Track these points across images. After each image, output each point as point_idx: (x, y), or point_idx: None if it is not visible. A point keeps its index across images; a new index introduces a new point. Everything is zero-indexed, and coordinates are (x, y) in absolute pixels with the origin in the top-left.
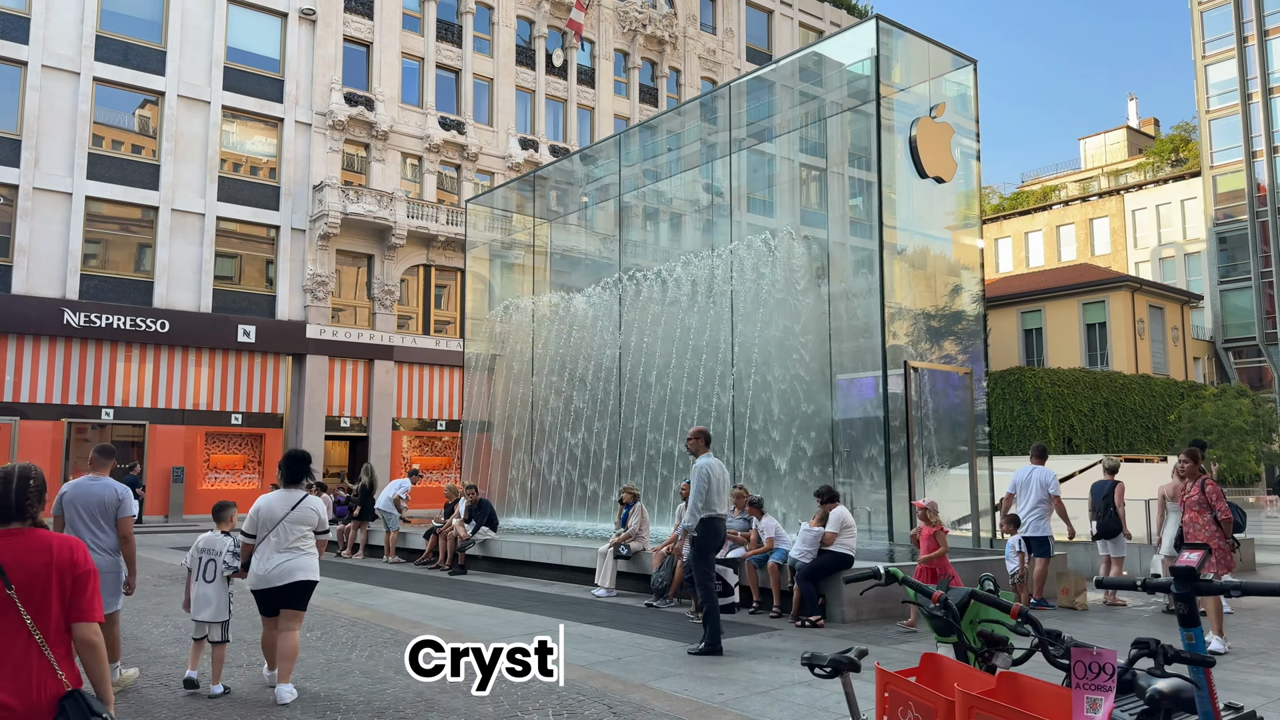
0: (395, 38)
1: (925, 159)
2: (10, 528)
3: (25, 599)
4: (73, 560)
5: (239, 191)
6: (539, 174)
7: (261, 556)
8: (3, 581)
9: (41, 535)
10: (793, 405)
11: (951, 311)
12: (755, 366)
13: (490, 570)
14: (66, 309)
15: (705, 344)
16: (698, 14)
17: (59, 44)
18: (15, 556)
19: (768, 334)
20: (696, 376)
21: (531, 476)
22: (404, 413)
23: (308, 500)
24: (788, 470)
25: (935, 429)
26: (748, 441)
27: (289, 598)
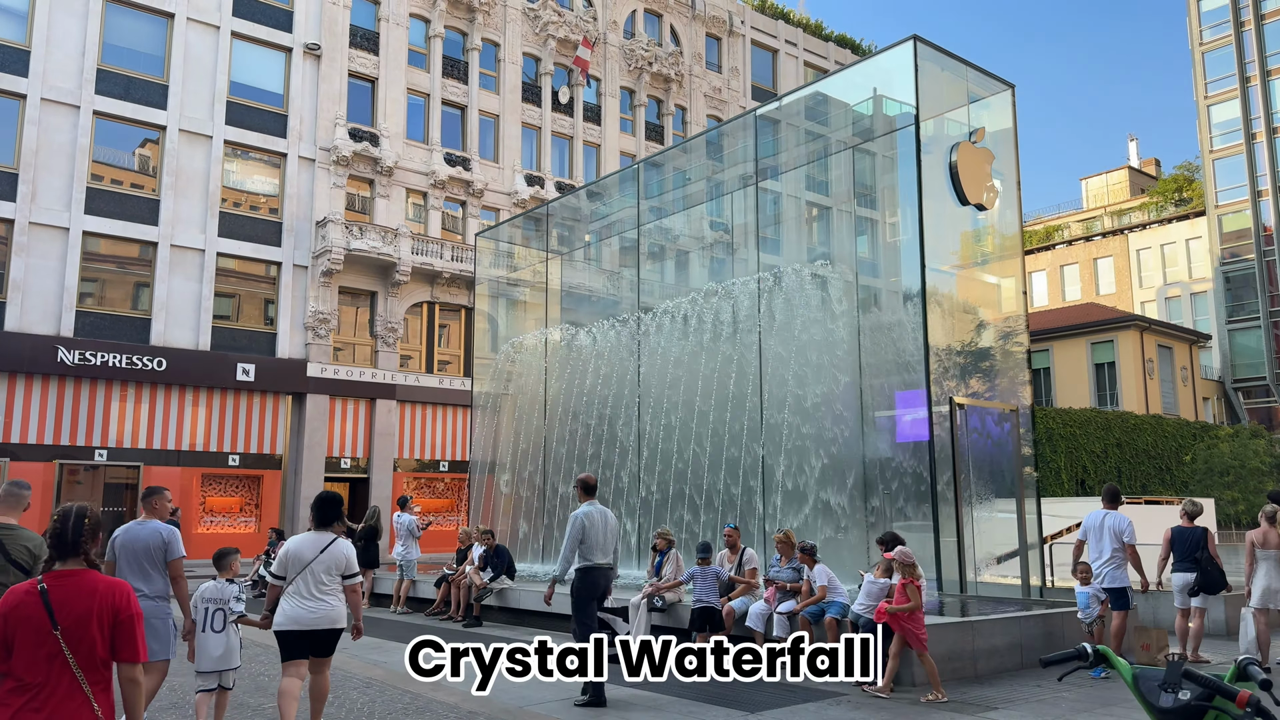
0: (400, 73)
1: (966, 186)
2: (65, 567)
3: (69, 639)
4: (115, 605)
5: (240, 227)
6: (551, 205)
7: (291, 599)
8: (51, 623)
9: (91, 578)
10: (825, 442)
11: (990, 346)
12: (786, 400)
13: (508, 622)
14: (61, 346)
15: (731, 376)
16: (703, 52)
17: (59, 77)
18: (64, 598)
19: (799, 368)
20: (722, 413)
21: (543, 519)
22: (406, 453)
23: (338, 543)
24: (819, 510)
25: (973, 468)
26: (778, 475)
27: (318, 644)
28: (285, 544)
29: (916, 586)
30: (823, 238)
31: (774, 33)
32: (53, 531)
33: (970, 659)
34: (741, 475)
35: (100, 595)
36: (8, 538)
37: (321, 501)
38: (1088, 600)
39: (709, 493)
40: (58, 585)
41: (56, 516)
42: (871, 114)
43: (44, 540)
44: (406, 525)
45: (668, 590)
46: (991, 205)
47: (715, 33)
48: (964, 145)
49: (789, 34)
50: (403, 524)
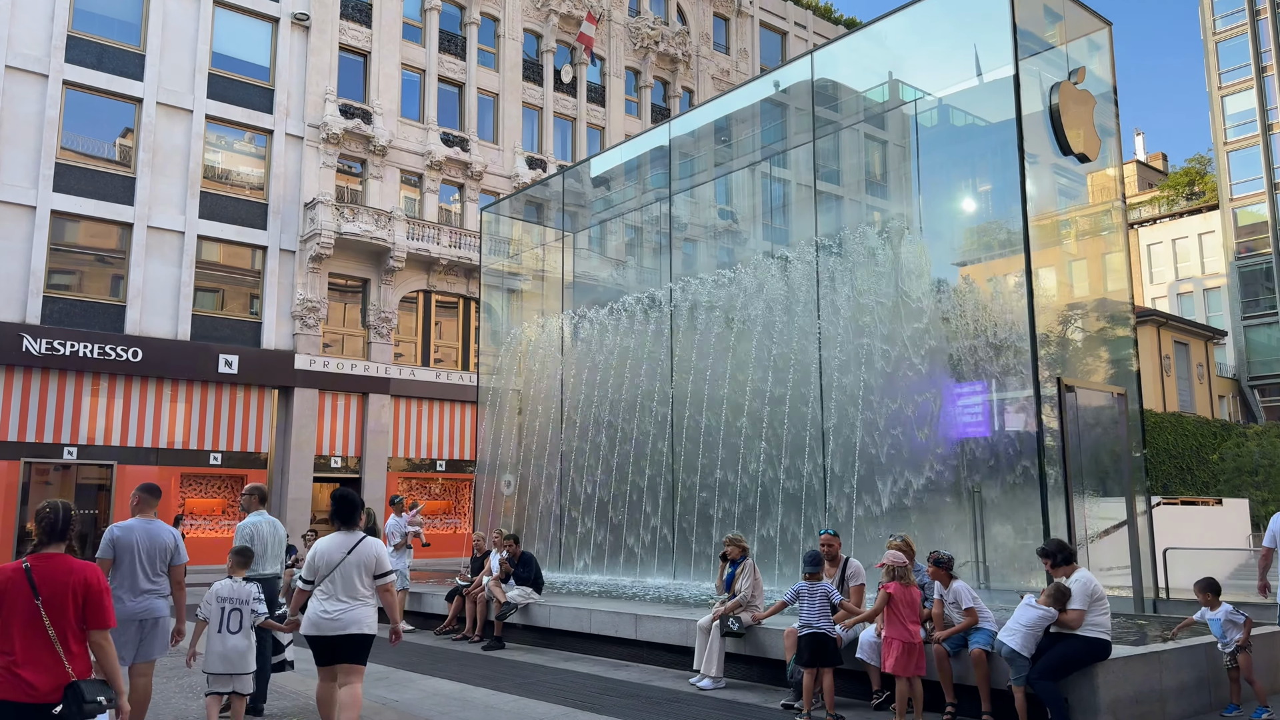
0: (395, 48)
1: (1069, 133)
2: (48, 551)
3: (49, 608)
4: (87, 581)
5: (223, 208)
6: (567, 178)
7: (318, 603)
8: (33, 593)
9: (67, 560)
10: (898, 430)
11: (1085, 325)
12: (849, 383)
13: (534, 643)
14: (26, 335)
15: (790, 350)
16: (710, 33)
17: (25, 43)
18: (46, 575)
19: (865, 344)
20: (778, 393)
21: (558, 524)
22: (400, 451)
23: (367, 542)
24: (893, 507)
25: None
26: (838, 468)
27: (346, 651)
28: (314, 545)
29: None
30: (888, 198)
31: (783, 14)
32: (46, 521)
33: (1158, 700)
34: (804, 472)
35: (75, 573)
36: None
37: (343, 499)
38: (1222, 626)
39: (758, 488)
40: (40, 564)
41: (47, 508)
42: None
43: None
44: (397, 529)
45: (743, 610)
46: (1095, 155)
47: (723, 12)
48: (1065, 86)
49: (798, 16)
50: (392, 527)
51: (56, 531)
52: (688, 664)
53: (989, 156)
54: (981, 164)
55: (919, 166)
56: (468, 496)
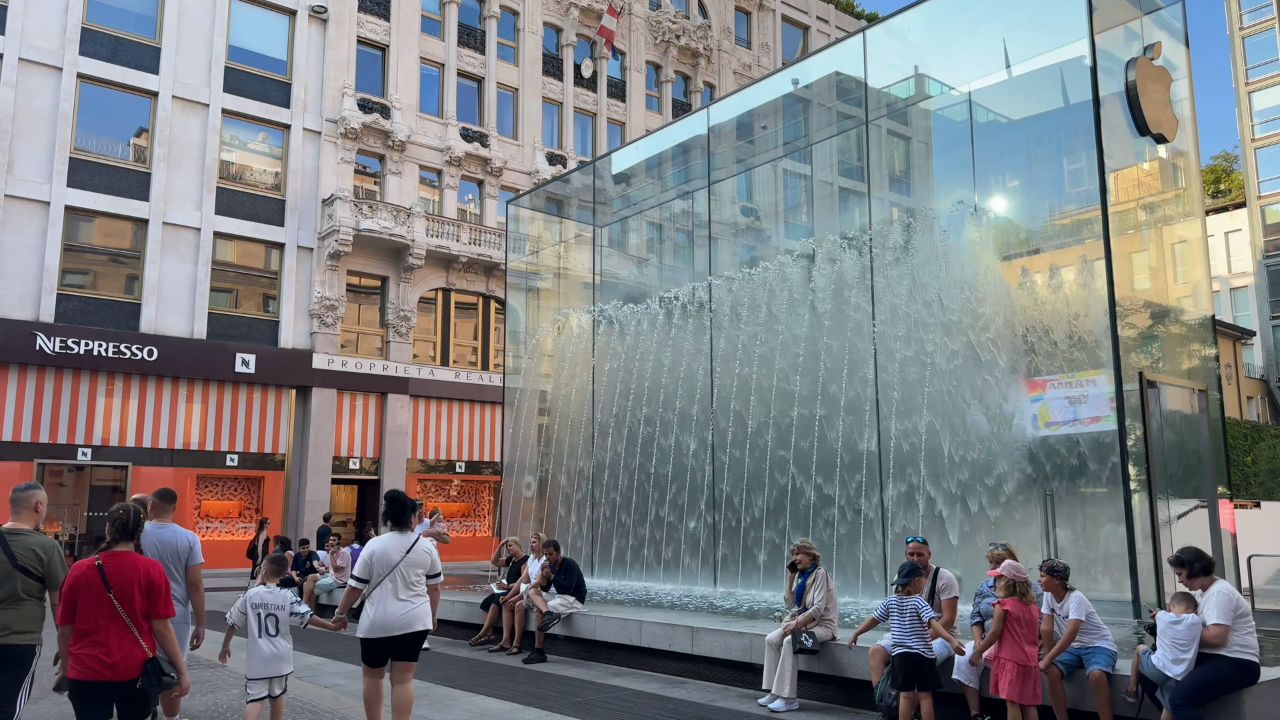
0: (414, 41)
1: (1147, 111)
2: (118, 549)
3: (119, 599)
4: (149, 576)
5: (239, 204)
6: (598, 168)
7: (377, 603)
8: (105, 586)
9: (134, 557)
10: (965, 426)
11: (1159, 314)
12: (908, 377)
13: (577, 655)
14: (40, 333)
15: (842, 345)
16: (732, 27)
17: (40, 35)
18: (116, 570)
19: (925, 335)
20: (830, 390)
21: (587, 528)
22: (419, 453)
23: (421, 543)
24: (959, 511)
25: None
26: (898, 469)
27: (406, 649)
28: (368, 546)
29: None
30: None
31: (805, 9)
32: (119, 521)
33: None
34: (861, 474)
35: (140, 568)
36: (15, 541)
37: (395, 500)
38: None
39: (809, 491)
40: (110, 560)
41: (120, 510)
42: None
43: (54, 543)
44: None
45: (817, 624)
46: (1173, 136)
47: (745, 6)
48: (1141, 62)
49: (820, 10)
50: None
51: (127, 531)
52: (749, 681)
53: (1034, 148)
54: (1034, 154)
55: (974, 154)
56: (487, 499)
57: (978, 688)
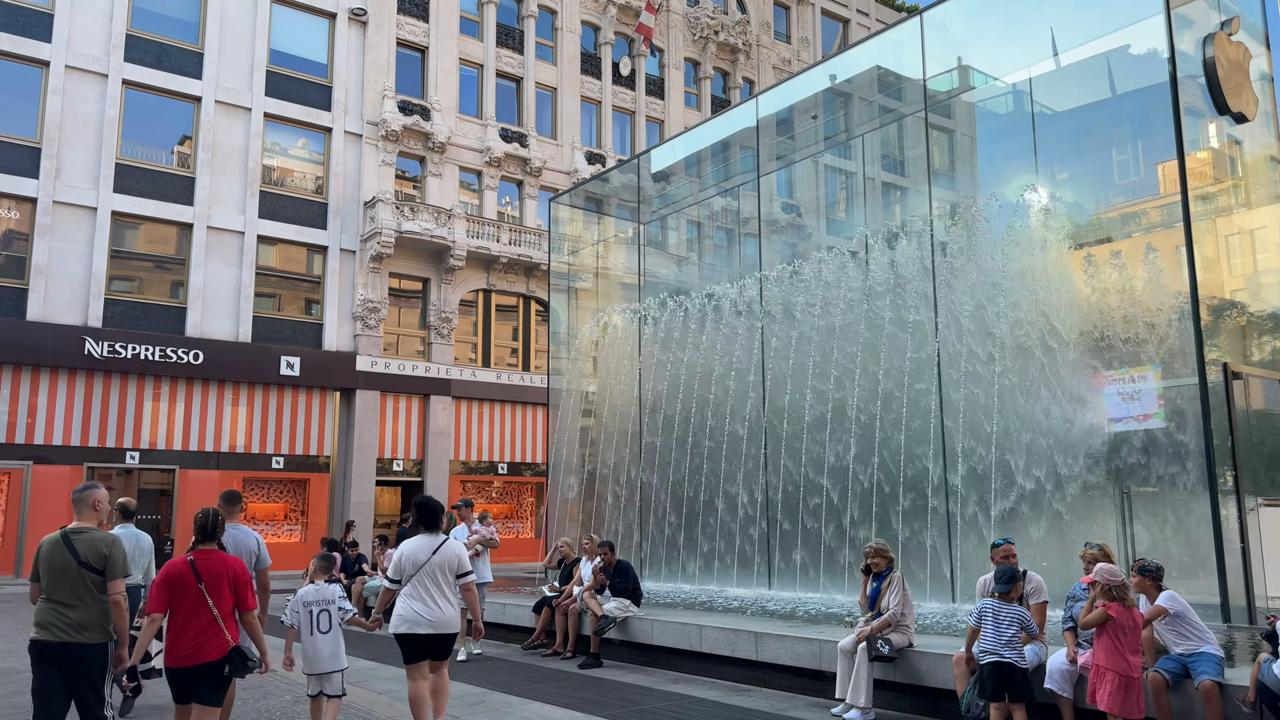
0: (452, 42)
1: (1226, 88)
2: (205, 548)
3: (209, 592)
4: (236, 571)
5: (282, 208)
6: (642, 164)
7: (407, 602)
8: (198, 581)
9: (221, 555)
10: (1035, 421)
11: (1238, 302)
12: (979, 368)
13: (633, 660)
14: (88, 338)
15: (903, 337)
16: (771, 21)
17: (85, 43)
18: (206, 567)
19: (989, 327)
20: (888, 386)
21: (639, 529)
22: (461, 454)
23: (450, 544)
24: (1026, 511)
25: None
26: (964, 467)
27: (436, 649)
28: (399, 548)
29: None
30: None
31: (845, 1)
32: (199, 524)
33: None
34: (930, 475)
35: (227, 565)
36: (79, 539)
37: (425, 505)
38: None
39: (869, 489)
40: (200, 558)
41: (200, 515)
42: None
43: (115, 536)
44: (459, 536)
45: (893, 631)
46: (1253, 115)
47: (784, 1)
48: (1219, 38)
49: (860, 3)
50: (461, 536)
51: (207, 532)
52: (818, 689)
53: (1084, 138)
54: (1083, 144)
55: (1036, 141)
56: (530, 500)
57: (1072, 698)
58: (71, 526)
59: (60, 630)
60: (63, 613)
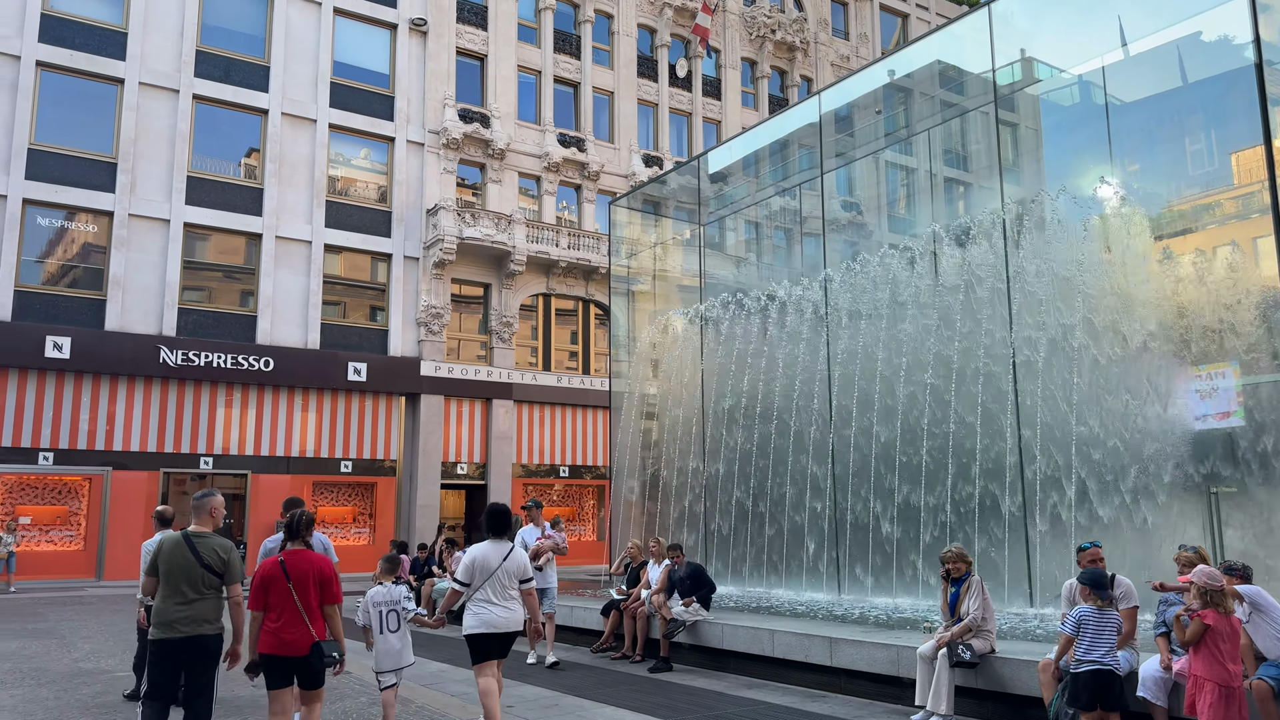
0: (511, 50)
1: None
2: (294, 547)
3: (296, 589)
4: (322, 569)
5: (347, 217)
6: (702, 163)
7: (480, 605)
8: (286, 579)
9: (308, 554)
10: (1116, 420)
11: None
12: (1056, 365)
13: (702, 665)
14: (163, 347)
15: (976, 334)
16: (829, 18)
17: (157, 60)
18: (294, 564)
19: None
20: (959, 385)
21: (702, 532)
22: (523, 457)
23: (517, 550)
24: (1105, 514)
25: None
26: (1044, 468)
27: (504, 647)
28: (469, 552)
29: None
30: (1069, 165)
31: None
32: (288, 525)
33: None
34: (1004, 477)
35: (314, 563)
36: (200, 543)
37: (496, 512)
38: None
39: (941, 492)
40: (290, 557)
41: (288, 516)
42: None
43: (231, 543)
44: (527, 537)
45: (974, 636)
46: None
47: None
48: None
49: None
50: (528, 537)
51: (294, 532)
52: (895, 695)
53: (1154, 129)
54: (1154, 135)
55: (1110, 132)
56: (591, 503)
57: (1166, 706)
58: (191, 529)
59: (183, 626)
60: (183, 608)
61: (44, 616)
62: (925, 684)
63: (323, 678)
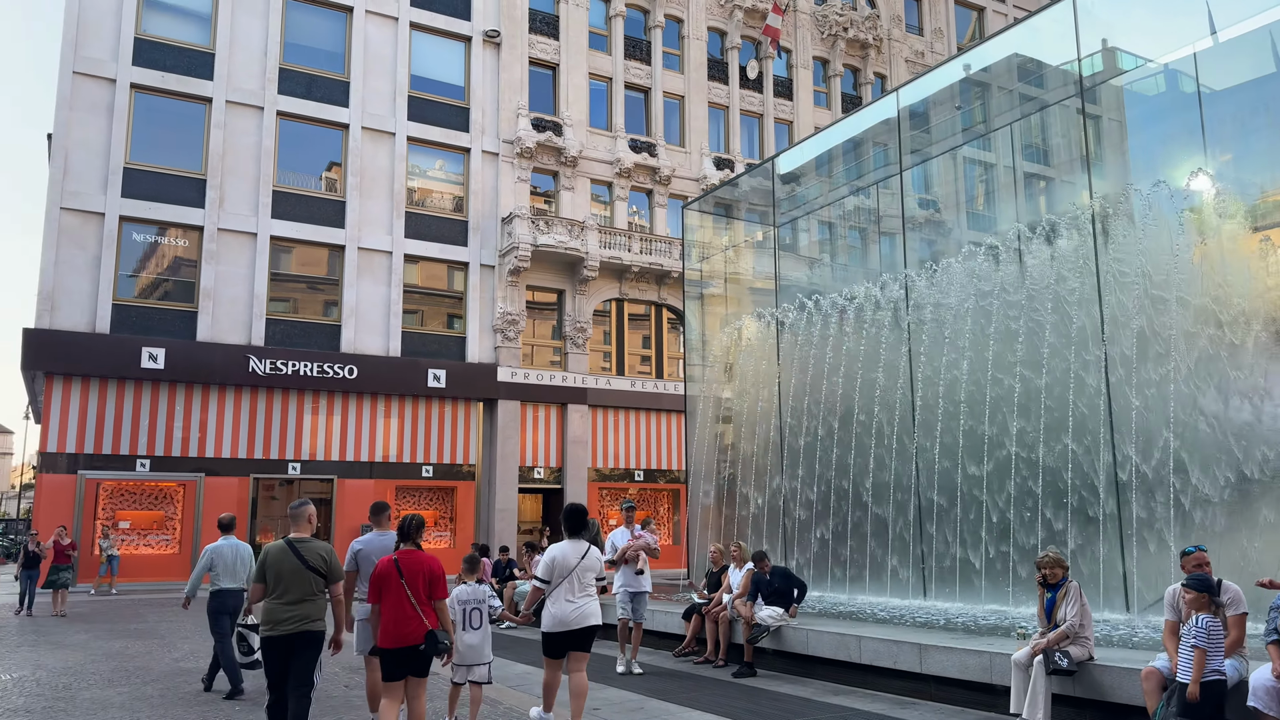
0: (582, 58)
1: None
2: (406, 547)
3: (409, 585)
4: (431, 567)
5: (426, 227)
6: (778, 163)
7: (556, 602)
8: (399, 576)
9: (419, 554)
10: (1214, 417)
11: None
12: (1150, 361)
13: (787, 670)
14: (252, 356)
15: (1065, 330)
16: (902, 14)
17: (243, 78)
18: (406, 564)
19: (1171, 316)
20: (1049, 382)
21: (782, 536)
22: (598, 462)
23: (593, 550)
24: (1200, 516)
25: None
26: (1138, 468)
27: (579, 641)
28: (548, 552)
29: None
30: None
31: None
32: (401, 528)
33: None
34: (1097, 479)
35: (424, 562)
36: (304, 548)
37: (573, 513)
38: None
39: (1028, 495)
40: (403, 556)
41: (403, 522)
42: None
43: (330, 546)
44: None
45: (1071, 643)
46: None
47: None
48: None
49: None
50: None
51: (407, 535)
52: (988, 703)
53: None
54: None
55: (1203, 121)
56: (666, 507)
57: (1278, 716)
58: (293, 536)
59: (291, 623)
60: (292, 608)
61: (144, 618)
62: (1021, 691)
63: (430, 666)
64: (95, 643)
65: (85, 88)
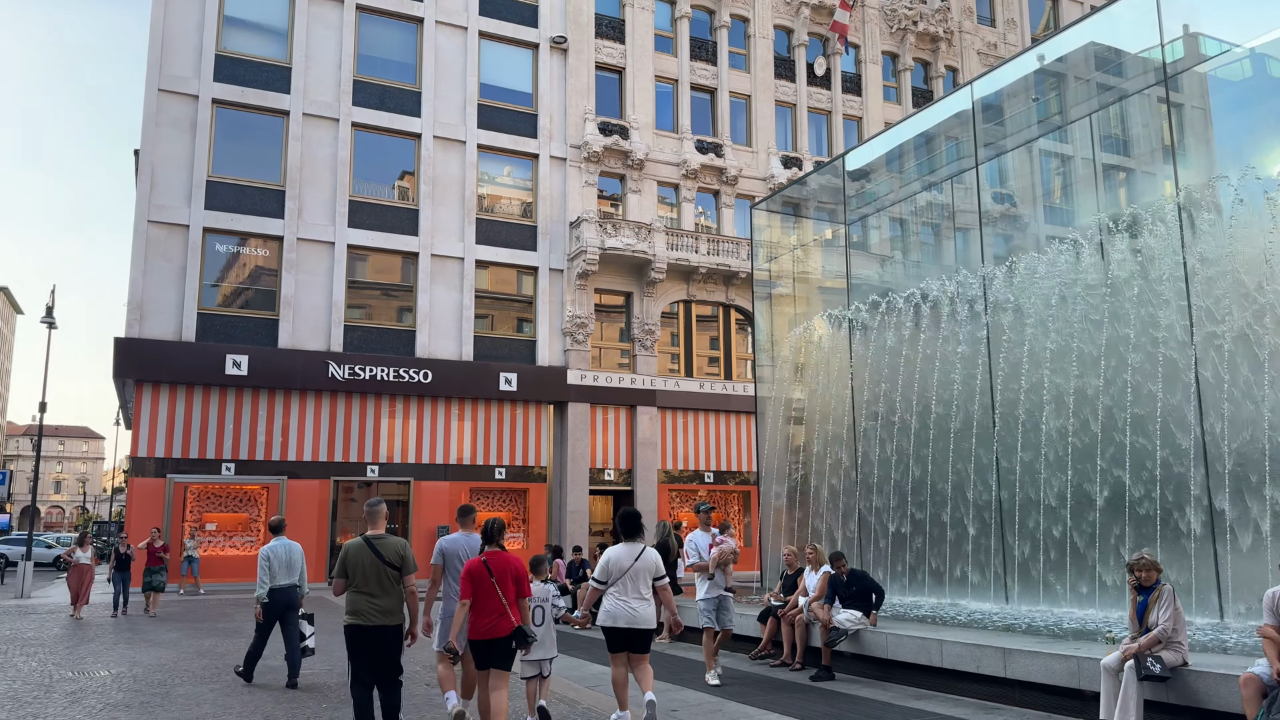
0: (648, 60)
1: None
2: (492, 548)
3: (499, 583)
4: (517, 567)
5: (496, 233)
6: (849, 160)
7: (614, 600)
8: (489, 575)
9: (505, 555)
10: None
11: None
12: (1240, 360)
13: (865, 674)
14: (331, 362)
15: (1147, 327)
16: (974, 6)
17: (318, 91)
18: (496, 563)
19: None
20: (1135, 381)
21: (858, 539)
22: (668, 463)
23: (649, 551)
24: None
25: None
26: (1227, 471)
27: (636, 642)
28: (605, 554)
29: None
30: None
31: None
32: (485, 531)
33: None
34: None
35: (511, 562)
36: (380, 544)
37: (628, 516)
38: None
39: (1114, 497)
40: (491, 557)
41: (486, 525)
42: None
43: (406, 541)
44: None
45: (1164, 648)
46: None
47: None
48: None
49: None
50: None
51: (490, 537)
52: (1073, 709)
53: None
54: None
55: None
56: (737, 509)
57: None
58: (370, 534)
59: (373, 616)
60: (372, 601)
61: (231, 617)
62: (1110, 697)
63: (513, 660)
64: (186, 641)
65: (169, 104)
